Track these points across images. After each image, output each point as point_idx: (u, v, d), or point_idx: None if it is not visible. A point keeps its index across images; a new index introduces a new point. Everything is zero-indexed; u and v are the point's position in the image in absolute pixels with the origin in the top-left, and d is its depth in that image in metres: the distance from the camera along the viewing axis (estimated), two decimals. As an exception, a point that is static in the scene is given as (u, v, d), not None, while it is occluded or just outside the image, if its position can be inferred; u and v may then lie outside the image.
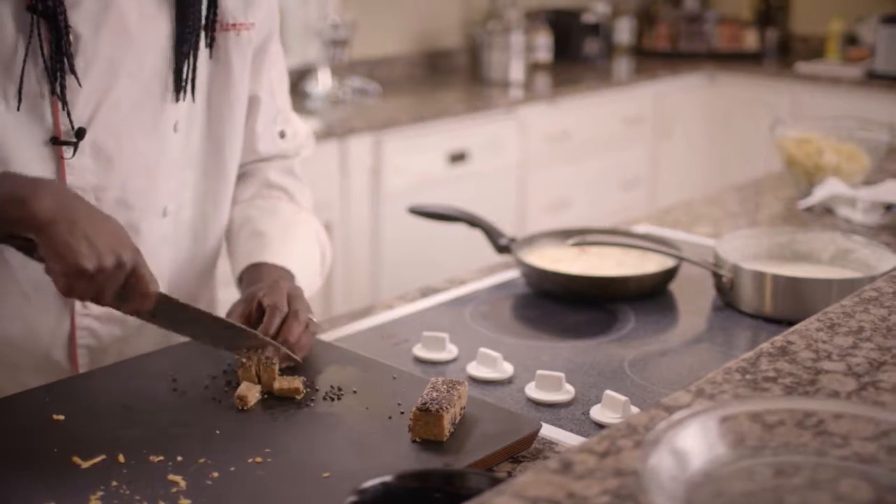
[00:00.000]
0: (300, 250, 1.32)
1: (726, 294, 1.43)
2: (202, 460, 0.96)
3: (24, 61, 1.07)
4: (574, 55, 4.21)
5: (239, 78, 1.26)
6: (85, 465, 0.96)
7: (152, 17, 1.15)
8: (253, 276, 1.25)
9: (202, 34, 1.20)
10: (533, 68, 3.97)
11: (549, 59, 4.09)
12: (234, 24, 1.23)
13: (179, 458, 0.97)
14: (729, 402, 0.79)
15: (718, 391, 0.83)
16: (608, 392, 1.11)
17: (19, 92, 1.08)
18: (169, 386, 1.12)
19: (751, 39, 4.43)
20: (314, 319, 1.18)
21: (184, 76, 1.18)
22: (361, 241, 3.03)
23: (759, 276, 1.38)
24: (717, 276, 1.44)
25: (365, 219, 3.04)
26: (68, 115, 1.11)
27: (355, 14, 3.51)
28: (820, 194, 1.85)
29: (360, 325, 1.37)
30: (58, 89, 1.09)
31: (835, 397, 0.82)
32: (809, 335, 0.94)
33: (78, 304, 1.20)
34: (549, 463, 0.71)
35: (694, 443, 0.69)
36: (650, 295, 1.47)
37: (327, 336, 1.33)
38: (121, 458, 0.97)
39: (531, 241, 1.61)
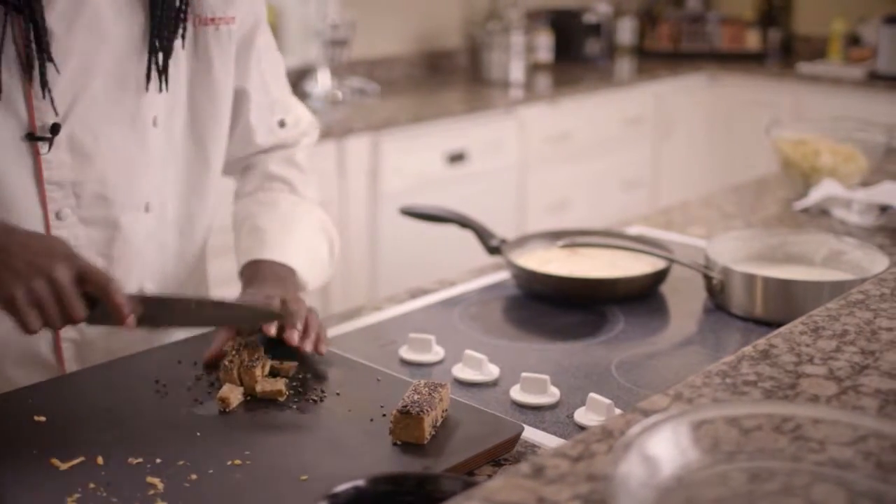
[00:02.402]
0: (302, 243, 1.31)
1: (717, 296, 1.42)
2: (181, 462, 0.96)
3: None
4: (575, 55, 4.20)
5: (221, 72, 1.25)
6: (63, 466, 0.95)
7: (126, 14, 1.16)
8: (252, 273, 1.25)
9: (178, 28, 1.19)
10: (534, 68, 3.96)
11: (550, 60, 4.09)
12: (212, 19, 1.23)
13: (158, 461, 0.96)
14: (704, 406, 0.78)
15: (697, 395, 0.82)
16: (592, 395, 1.10)
17: None
18: (152, 388, 1.12)
19: (753, 40, 4.42)
20: (314, 311, 1.20)
21: (158, 68, 1.17)
22: (359, 241, 3.03)
23: (750, 279, 1.37)
24: (707, 278, 1.43)
25: (363, 219, 3.03)
26: (52, 102, 1.11)
27: (355, 14, 3.51)
28: (815, 196, 1.84)
29: (349, 327, 1.37)
30: (36, 82, 1.09)
31: (814, 402, 0.81)
32: (793, 338, 0.93)
33: None
34: (521, 467, 0.70)
35: (665, 448, 0.68)
36: (640, 297, 1.46)
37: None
38: (99, 460, 0.96)
39: (522, 242, 1.60)
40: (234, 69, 1.28)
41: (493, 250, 1.57)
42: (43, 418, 1.05)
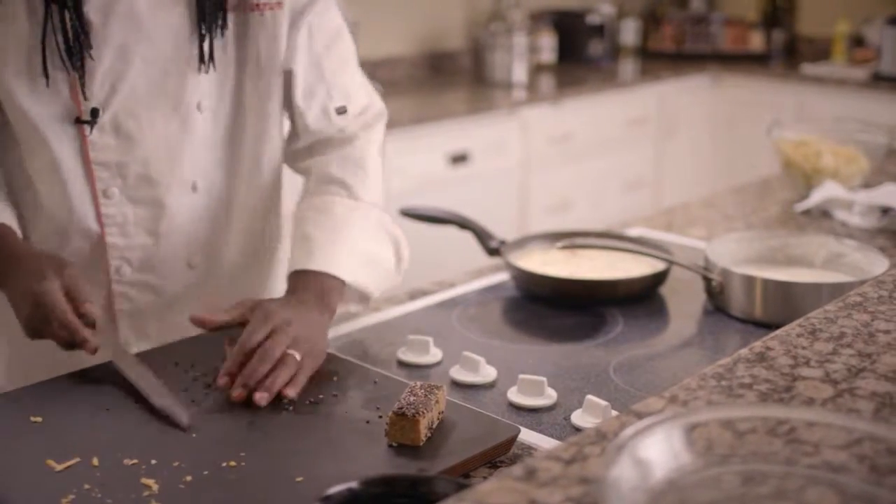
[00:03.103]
0: (354, 252, 1.26)
1: (716, 298, 1.42)
2: (176, 464, 0.96)
3: (44, 45, 1.15)
4: (578, 56, 4.20)
5: (267, 58, 1.27)
6: (59, 467, 0.95)
7: (167, 4, 1.20)
8: (294, 285, 1.21)
9: (220, 15, 1.22)
10: (537, 69, 3.96)
11: (553, 61, 4.08)
12: (258, 4, 1.25)
13: (154, 462, 0.96)
14: (698, 408, 0.78)
15: (692, 397, 0.82)
16: (589, 397, 1.10)
17: (45, 75, 1.16)
18: (149, 388, 1.12)
19: (756, 41, 4.41)
20: (295, 354, 1.10)
21: (203, 54, 1.22)
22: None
23: (749, 280, 1.37)
24: (706, 280, 1.43)
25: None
26: (83, 92, 1.18)
27: (358, 15, 3.50)
28: (816, 197, 1.84)
29: (347, 328, 1.37)
30: (75, 70, 1.16)
31: (810, 404, 0.81)
32: (789, 341, 0.93)
33: (112, 271, 1.28)
34: (514, 469, 0.70)
35: (658, 451, 0.67)
36: (640, 299, 1.46)
37: (312, 338, 1.32)
38: (95, 461, 0.96)
39: (522, 243, 1.60)
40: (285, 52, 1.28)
41: (493, 251, 1.56)
42: (39, 419, 1.05)
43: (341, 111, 1.34)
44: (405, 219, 1.63)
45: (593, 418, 1.08)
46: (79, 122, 1.20)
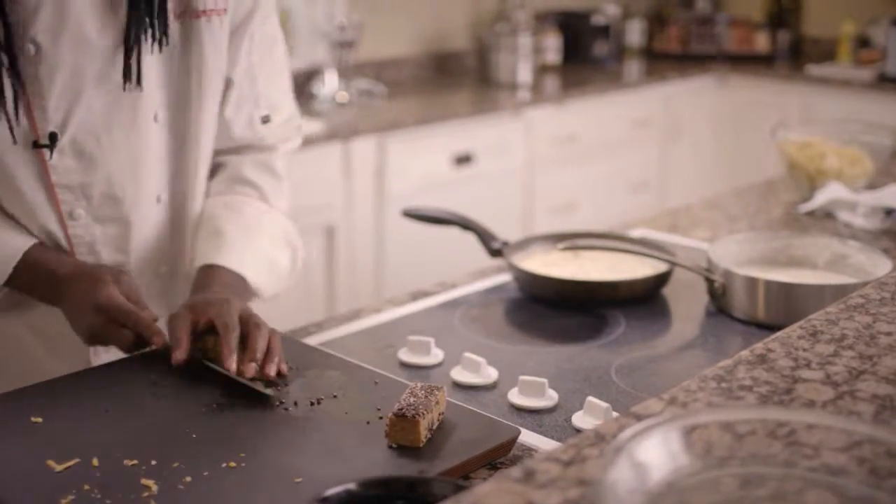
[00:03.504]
0: (260, 254, 1.31)
1: (719, 300, 1.41)
2: (176, 464, 0.96)
3: None
4: (584, 57, 4.19)
5: (213, 64, 1.26)
6: (59, 468, 0.95)
7: (110, 18, 1.17)
8: (205, 278, 1.25)
9: (154, 24, 1.19)
10: (541, 70, 3.95)
11: (558, 61, 4.08)
12: (204, 11, 1.23)
13: (153, 462, 0.96)
14: (697, 410, 0.78)
15: (692, 399, 0.82)
16: (590, 398, 1.10)
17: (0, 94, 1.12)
18: (149, 390, 1.12)
19: (762, 42, 4.40)
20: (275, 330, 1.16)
21: (131, 68, 1.19)
22: (365, 243, 3.03)
23: (752, 282, 1.37)
24: (709, 282, 1.42)
25: (369, 221, 3.03)
26: (41, 115, 1.15)
27: (362, 15, 3.51)
28: (820, 198, 1.83)
29: (348, 329, 1.37)
30: (26, 97, 1.14)
31: (810, 407, 0.81)
32: (790, 343, 0.93)
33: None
34: (512, 471, 0.70)
35: (656, 453, 0.67)
36: (642, 300, 1.45)
37: (313, 339, 1.32)
38: (95, 462, 0.96)
39: (524, 245, 1.59)
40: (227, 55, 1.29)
41: (495, 253, 1.56)
42: (40, 419, 1.05)
43: (265, 120, 1.36)
44: (408, 220, 1.64)
45: (594, 420, 1.08)
46: (36, 146, 1.18)
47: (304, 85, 3.30)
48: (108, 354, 1.27)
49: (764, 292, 1.36)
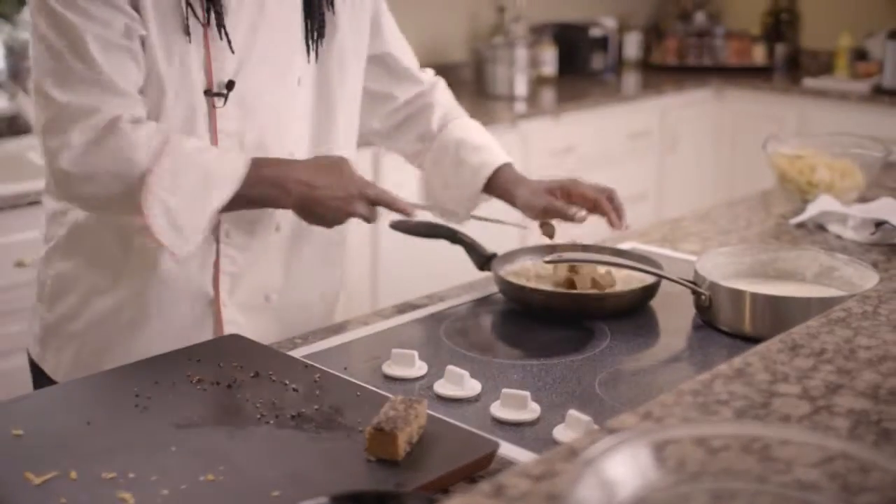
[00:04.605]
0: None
1: (705, 312, 1.41)
2: (154, 478, 0.95)
3: (187, 22, 1.27)
4: (581, 70, 4.20)
5: (350, 42, 1.45)
6: (37, 480, 0.95)
7: None
8: (508, 175, 1.62)
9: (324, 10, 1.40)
10: (538, 83, 3.96)
11: (555, 74, 4.08)
12: None
13: (132, 475, 0.96)
14: (670, 425, 0.77)
15: (667, 413, 0.82)
16: (571, 412, 1.09)
17: (186, 32, 1.28)
18: (131, 402, 1.12)
19: (759, 54, 4.41)
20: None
21: (313, 37, 1.40)
22: (361, 253, 3.03)
23: (738, 295, 1.36)
24: (695, 294, 1.42)
25: (364, 230, 3.03)
26: (219, 65, 1.32)
27: (359, 28, 3.51)
28: (811, 211, 1.83)
29: (334, 341, 1.36)
30: (215, 48, 1.30)
31: (785, 421, 0.80)
32: (769, 357, 0.92)
33: (223, 234, 1.39)
34: (482, 486, 0.69)
35: (625, 468, 0.67)
36: (629, 313, 1.45)
37: (298, 352, 1.32)
38: (73, 475, 0.96)
39: (511, 257, 1.59)
40: (370, 39, 1.53)
41: (483, 265, 1.56)
42: (21, 431, 1.05)
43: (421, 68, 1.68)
44: (396, 232, 1.63)
45: (575, 433, 1.07)
46: (208, 94, 1.31)
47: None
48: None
49: (750, 305, 1.35)
